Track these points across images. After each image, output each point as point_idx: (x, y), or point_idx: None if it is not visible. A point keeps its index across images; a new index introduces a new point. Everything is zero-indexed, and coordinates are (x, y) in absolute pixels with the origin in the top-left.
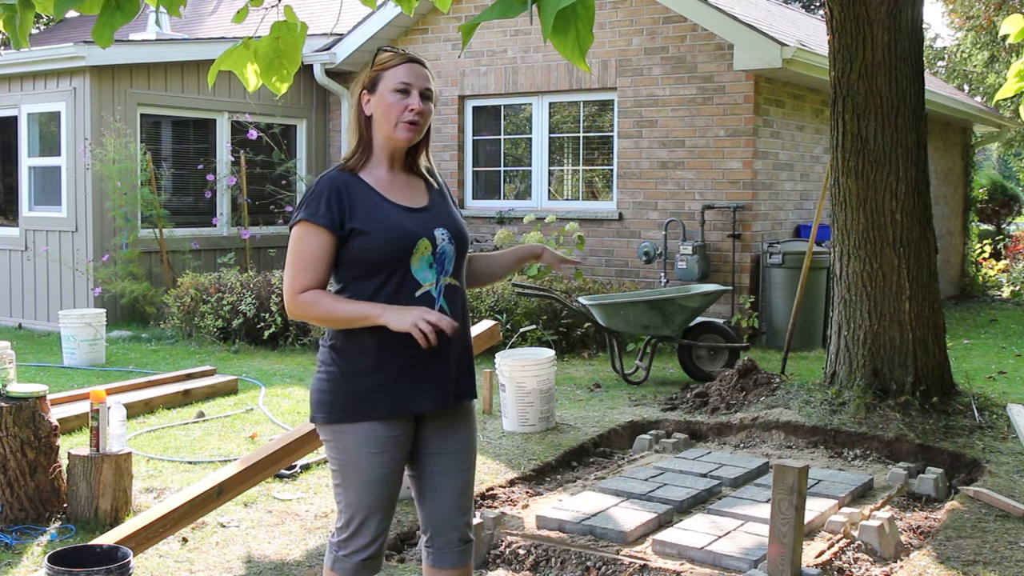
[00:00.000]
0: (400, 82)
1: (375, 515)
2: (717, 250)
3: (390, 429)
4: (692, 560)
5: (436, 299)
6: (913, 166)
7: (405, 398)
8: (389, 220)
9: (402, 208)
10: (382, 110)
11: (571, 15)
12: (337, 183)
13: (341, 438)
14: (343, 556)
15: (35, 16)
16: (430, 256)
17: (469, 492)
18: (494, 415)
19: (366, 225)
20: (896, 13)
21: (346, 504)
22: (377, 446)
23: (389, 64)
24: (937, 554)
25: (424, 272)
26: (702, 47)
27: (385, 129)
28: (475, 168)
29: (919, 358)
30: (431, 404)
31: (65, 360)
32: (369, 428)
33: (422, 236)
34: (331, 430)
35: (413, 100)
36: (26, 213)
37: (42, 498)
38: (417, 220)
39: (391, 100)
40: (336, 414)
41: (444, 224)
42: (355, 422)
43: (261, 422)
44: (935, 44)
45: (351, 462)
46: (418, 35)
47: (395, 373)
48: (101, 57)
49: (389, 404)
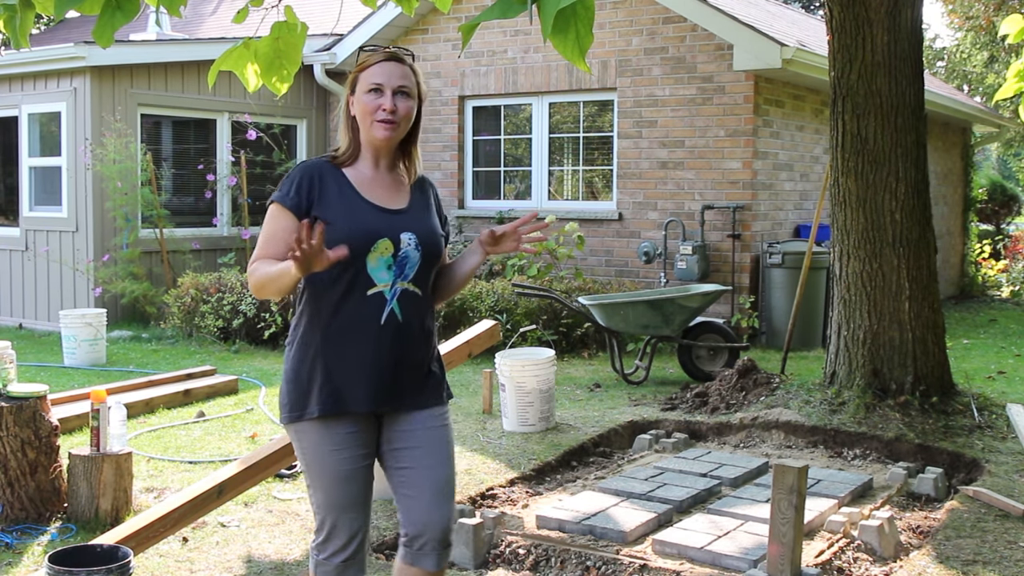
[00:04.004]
0: (371, 83)
1: (346, 514)
2: (717, 250)
3: (343, 425)
4: (692, 560)
5: (388, 301)
6: (913, 166)
7: (344, 396)
8: (353, 215)
9: (373, 206)
10: (359, 111)
11: (571, 15)
12: (312, 171)
13: (301, 437)
14: (323, 560)
15: (35, 16)
16: (389, 258)
17: (448, 492)
18: (494, 415)
19: (329, 215)
20: (896, 13)
21: (317, 506)
22: (333, 443)
23: (366, 65)
24: (937, 554)
25: (380, 272)
26: (702, 47)
27: (364, 128)
28: (475, 168)
29: (919, 358)
30: (368, 404)
31: (65, 360)
32: (323, 425)
33: (383, 236)
34: (292, 429)
35: (385, 100)
36: (27, 213)
37: (43, 498)
38: (384, 220)
39: (365, 101)
40: (292, 412)
41: (415, 229)
42: (307, 419)
43: (261, 422)
44: (935, 44)
45: (314, 461)
46: (418, 35)
47: (337, 370)
48: (101, 57)
49: (332, 401)
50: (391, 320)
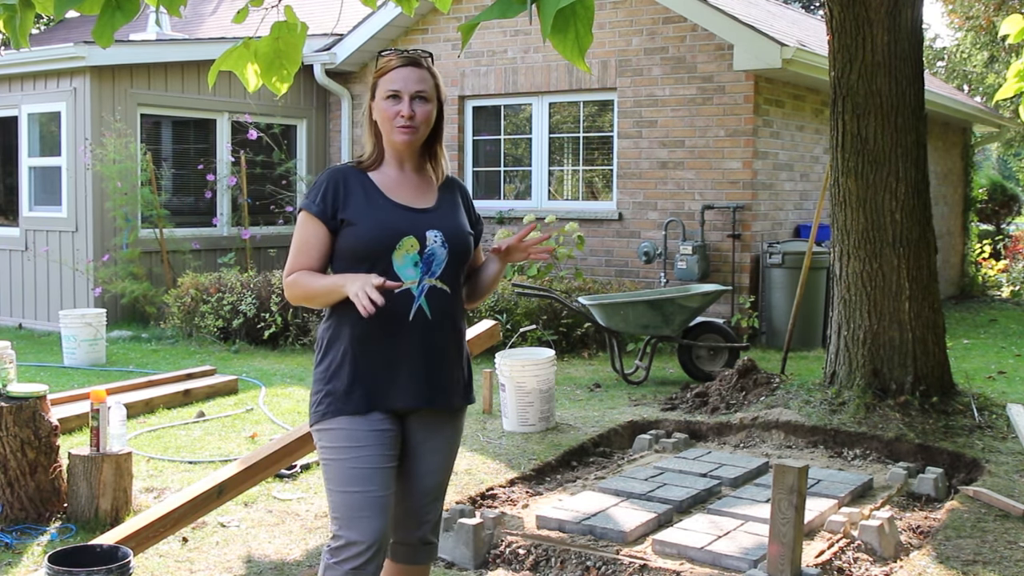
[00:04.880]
0: (389, 89)
1: (362, 515)
2: (717, 250)
3: (369, 423)
4: (692, 560)
5: (416, 298)
6: (913, 166)
7: (375, 394)
8: (378, 215)
9: (399, 206)
10: (380, 116)
11: (570, 15)
12: (336, 176)
13: (328, 436)
14: (333, 564)
15: (35, 16)
16: (415, 255)
17: (440, 496)
18: (494, 415)
19: (354, 217)
20: (896, 13)
21: (334, 507)
22: (358, 440)
23: (384, 70)
24: (937, 554)
25: (407, 270)
26: (702, 47)
27: (385, 134)
28: (475, 168)
29: (919, 358)
30: (405, 401)
31: (65, 360)
32: (351, 423)
33: (408, 234)
34: (318, 429)
35: (403, 106)
36: (26, 213)
37: (42, 498)
38: (410, 219)
39: (384, 107)
40: (322, 412)
41: (441, 227)
42: (337, 417)
43: (261, 422)
44: (935, 44)
45: (337, 460)
46: (418, 35)
47: (367, 369)
48: (101, 57)
49: (363, 400)
50: (419, 317)
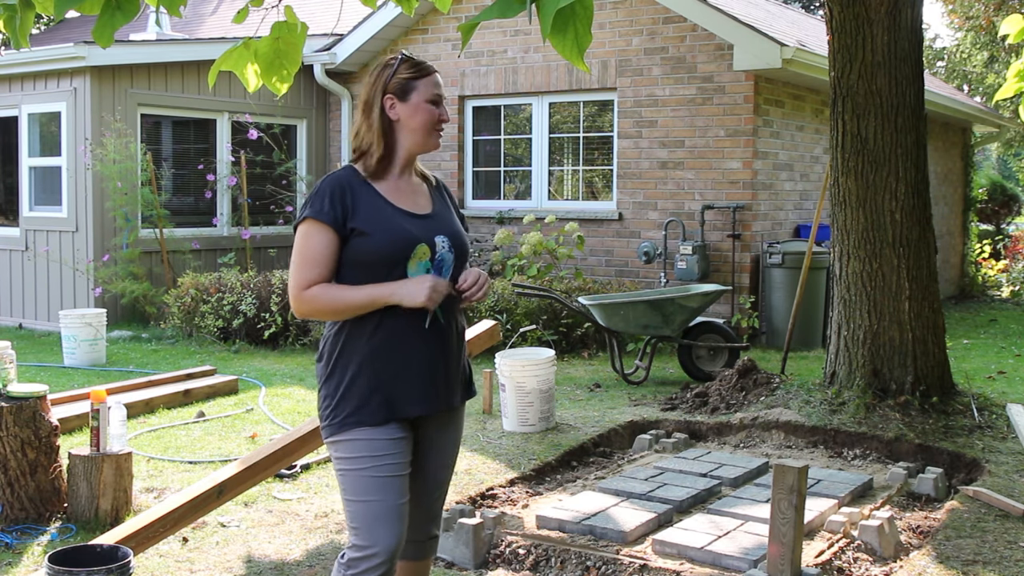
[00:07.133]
0: (434, 94)
1: (382, 524)
2: (717, 250)
3: (387, 432)
4: (692, 560)
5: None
6: (913, 166)
7: (397, 402)
8: (390, 223)
9: (405, 213)
10: (418, 119)
11: (570, 15)
12: (341, 182)
13: (341, 447)
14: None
15: (35, 16)
16: (427, 262)
17: (444, 490)
18: (494, 415)
19: (367, 226)
20: (896, 13)
21: (352, 517)
22: (377, 449)
23: (423, 73)
24: (937, 554)
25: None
26: (702, 47)
27: (416, 136)
28: (475, 168)
29: (919, 358)
30: (423, 409)
31: (65, 360)
32: (368, 432)
33: (421, 241)
34: (335, 440)
35: (444, 111)
36: (26, 213)
37: (42, 498)
38: (419, 225)
39: (428, 110)
40: (341, 424)
41: (445, 232)
42: (358, 428)
43: (261, 422)
44: (935, 44)
45: (356, 471)
46: (418, 35)
47: (388, 379)
48: (101, 57)
49: (385, 409)
50: (435, 323)
